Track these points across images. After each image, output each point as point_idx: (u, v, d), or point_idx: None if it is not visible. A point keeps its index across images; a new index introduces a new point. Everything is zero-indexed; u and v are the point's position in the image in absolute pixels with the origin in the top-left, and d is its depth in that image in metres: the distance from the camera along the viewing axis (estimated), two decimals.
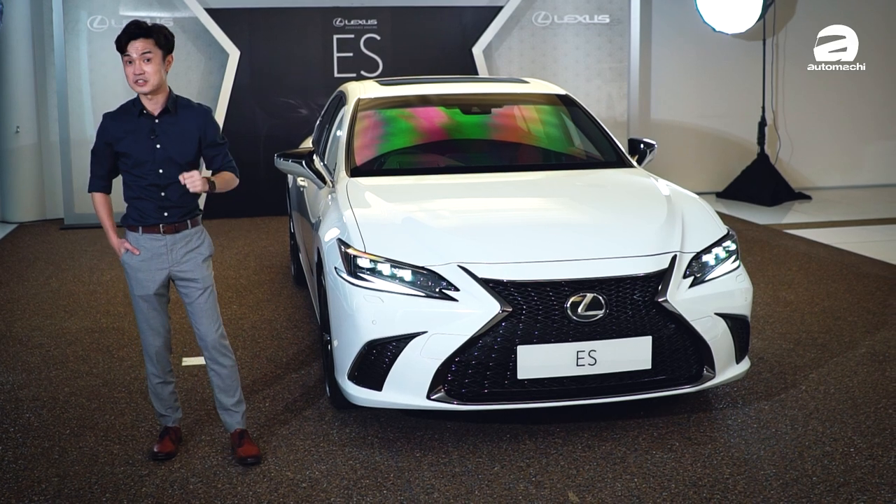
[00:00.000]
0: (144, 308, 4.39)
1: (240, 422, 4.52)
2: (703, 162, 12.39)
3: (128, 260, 4.35)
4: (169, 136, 4.26)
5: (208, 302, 4.41)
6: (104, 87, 10.83)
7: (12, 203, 10.98)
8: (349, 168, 5.67)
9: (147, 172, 4.25)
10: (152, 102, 4.26)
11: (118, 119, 4.29)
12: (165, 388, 4.53)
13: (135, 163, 4.24)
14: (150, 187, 4.26)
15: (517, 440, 4.59)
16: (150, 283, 4.34)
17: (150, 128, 4.25)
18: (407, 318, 4.38)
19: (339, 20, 11.12)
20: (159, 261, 4.33)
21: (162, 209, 4.29)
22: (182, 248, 4.35)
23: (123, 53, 4.18)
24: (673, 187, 5.44)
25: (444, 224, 4.79)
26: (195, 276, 4.37)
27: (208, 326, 4.41)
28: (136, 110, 4.27)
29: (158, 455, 4.44)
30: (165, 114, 4.28)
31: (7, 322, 6.76)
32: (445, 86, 6.74)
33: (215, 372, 4.48)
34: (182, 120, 4.31)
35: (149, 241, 4.31)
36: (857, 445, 4.50)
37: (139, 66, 4.16)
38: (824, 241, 9.16)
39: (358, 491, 4.12)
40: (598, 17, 11.59)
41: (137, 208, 4.30)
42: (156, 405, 4.57)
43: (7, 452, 4.55)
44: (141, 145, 4.24)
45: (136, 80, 4.16)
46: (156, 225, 4.30)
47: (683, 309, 4.49)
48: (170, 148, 4.26)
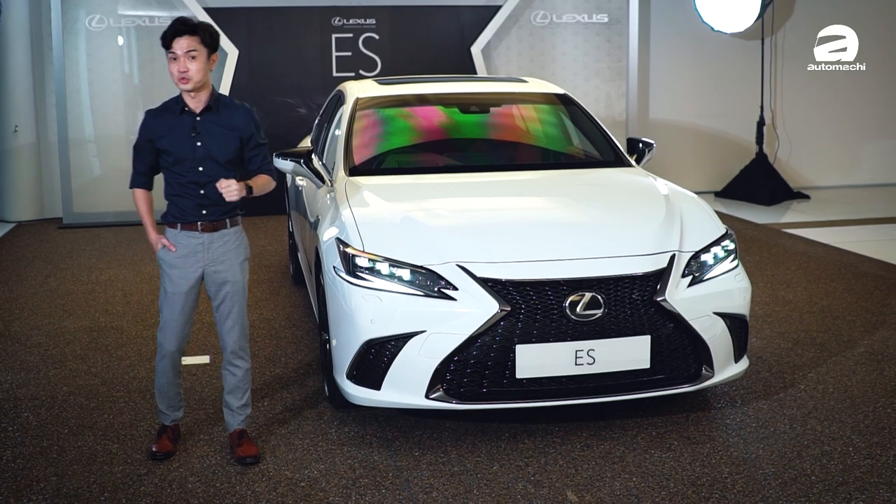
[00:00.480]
0: (173, 305, 4.36)
1: (241, 423, 4.52)
2: (702, 161, 12.39)
3: (164, 256, 4.35)
4: (210, 134, 4.26)
5: (237, 304, 4.40)
6: (103, 87, 10.83)
7: (11, 202, 10.97)
8: (348, 167, 5.66)
9: (187, 170, 4.25)
10: (195, 100, 4.26)
11: (160, 116, 4.30)
12: (172, 387, 4.52)
13: (175, 160, 4.25)
14: (190, 185, 4.26)
15: (516, 439, 4.59)
16: (184, 281, 4.33)
17: (192, 125, 4.25)
18: (405, 317, 4.37)
19: (338, 19, 11.11)
20: (195, 258, 4.32)
21: (201, 207, 4.29)
22: (219, 248, 4.34)
23: (168, 50, 4.18)
24: (671, 186, 5.44)
25: (443, 223, 4.79)
26: (229, 277, 4.36)
27: (231, 330, 4.41)
28: (178, 108, 4.28)
29: (157, 455, 4.43)
30: (207, 111, 4.28)
31: (5, 321, 6.76)
32: (444, 85, 6.74)
33: (230, 372, 4.48)
34: (224, 118, 4.32)
35: (186, 238, 4.31)
36: (856, 444, 4.50)
37: (183, 64, 4.16)
38: (823, 241, 9.16)
39: (357, 490, 4.12)
40: (596, 16, 11.59)
41: (177, 205, 4.31)
42: (159, 403, 4.55)
43: (5, 451, 4.55)
44: (181, 143, 4.24)
45: (181, 77, 4.16)
46: (194, 222, 4.30)
47: (682, 308, 4.49)
48: (210, 146, 4.26)
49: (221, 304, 4.39)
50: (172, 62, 4.18)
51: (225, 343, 4.44)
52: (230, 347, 4.44)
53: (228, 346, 4.44)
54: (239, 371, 4.47)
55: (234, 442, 4.47)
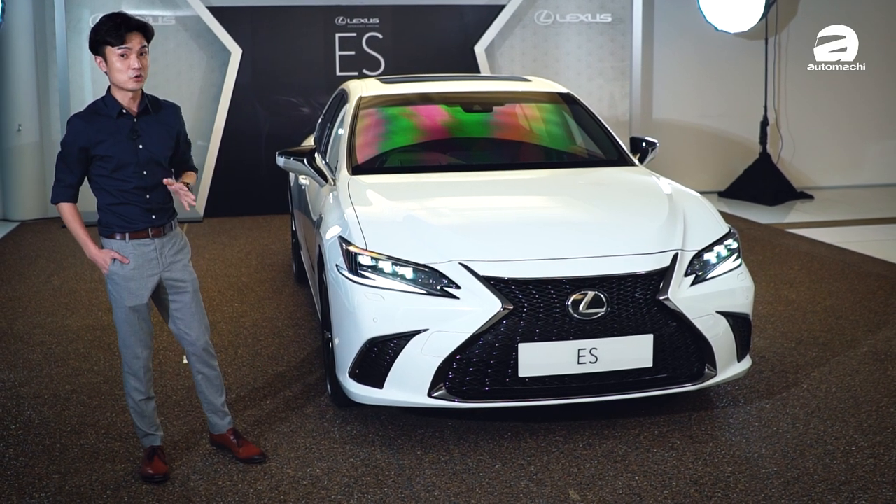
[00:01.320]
0: (134, 320, 4.16)
1: (230, 421, 4.45)
2: (705, 161, 12.38)
3: (117, 270, 4.10)
4: (150, 135, 4.07)
5: (198, 304, 4.30)
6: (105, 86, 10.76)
7: (14, 201, 10.98)
8: (351, 166, 5.66)
9: (130, 175, 4.02)
10: (132, 101, 4.06)
11: (93, 121, 4.01)
12: (149, 404, 4.29)
13: (116, 166, 4.00)
14: (135, 191, 4.04)
15: (518, 438, 4.59)
16: (144, 292, 4.14)
17: (131, 128, 4.03)
18: (408, 315, 4.37)
19: (341, 19, 11.11)
20: (150, 266, 4.13)
21: (149, 212, 4.08)
22: (170, 251, 4.18)
23: (118, 45, 3.93)
24: (674, 185, 5.43)
25: (446, 222, 4.79)
26: (184, 277, 4.23)
27: (199, 329, 4.29)
28: (112, 110, 4.03)
29: (154, 477, 4.19)
30: (144, 113, 4.09)
31: (8, 320, 6.76)
32: (447, 84, 6.74)
33: (204, 376, 4.36)
34: (162, 118, 4.15)
35: (137, 248, 4.09)
36: (859, 444, 4.50)
37: (136, 61, 3.96)
38: (826, 241, 9.15)
39: (359, 489, 4.12)
40: (600, 15, 11.58)
41: (120, 214, 4.06)
42: (140, 425, 4.29)
43: (8, 450, 4.55)
44: (122, 147, 4.00)
45: (136, 75, 3.97)
46: (144, 230, 4.09)
47: (685, 307, 4.48)
48: (152, 148, 4.07)
49: (184, 305, 4.25)
50: (121, 59, 3.93)
51: (195, 346, 4.29)
52: (200, 348, 4.30)
53: (199, 348, 4.30)
54: (213, 370, 4.37)
55: (233, 443, 4.40)
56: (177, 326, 4.30)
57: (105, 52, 3.98)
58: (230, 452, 4.44)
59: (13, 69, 10.73)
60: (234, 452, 4.41)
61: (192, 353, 4.34)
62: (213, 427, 4.49)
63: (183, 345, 4.36)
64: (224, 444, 4.46)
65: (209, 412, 4.45)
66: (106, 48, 3.97)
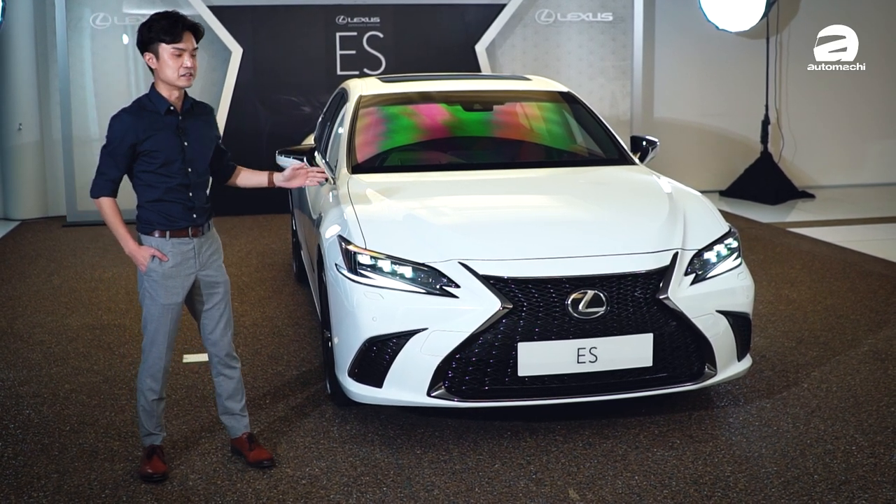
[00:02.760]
0: (166, 319, 4.14)
1: (247, 426, 4.43)
2: (707, 160, 12.37)
3: (155, 268, 4.09)
4: (193, 134, 4.14)
5: (227, 306, 4.32)
6: (107, 85, 10.83)
7: (15, 200, 10.98)
8: (350, 165, 5.66)
9: (176, 172, 4.06)
10: (178, 99, 4.11)
11: (141, 116, 4.03)
12: (160, 405, 4.28)
13: (164, 161, 4.04)
14: (179, 188, 4.08)
15: (518, 437, 4.58)
16: (180, 290, 4.14)
17: (177, 125, 4.09)
18: (407, 314, 4.36)
19: (342, 18, 11.11)
20: (188, 265, 4.14)
21: (191, 211, 4.11)
22: (207, 251, 4.21)
23: (173, 43, 3.98)
24: (675, 184, 5.42)
25: (445, 221, 4.78)
26: (220, 278, 4.26)
27: (224, 332, 4.31)
28: (159, 107, 4.06)
29: (154, 476, 4.17)
30: (188, 112, 4.16)
31: (8, 319, 6.76)
32: (447, 83, 6.73)
33: (225, 377, 4.36)
34: (202, 118, 4.23)
35: (176, 246, 4.11)
36: (859, 444, 4.49)
37: (189, 60, 4.02)
38: (827, 240, 9.14)
39: (358, 488, 4.11)
40: (601, 14, 11.58)
41: (162, 212, 4.08)
42: (146, 424, 4.27)
43: (7, 449, 4.55)
44: (170, 143, 4.05)
45: (186, 73, 4.01)
46: (185, 228, 4.11)
47: (685, 306, 4.47)
48: (195, 146, 4.13)
49: (213, 307, 4.27)
50: (175, 57, 3.98)
51: (219, 347, 4.31)
52: (225, 350, 4.32)
53: (223, 350, 4.31)
54: (235, 373, 4.38)
55: (245, 446, 4.37)
56: (204, 326, 4.32)
57: (158, 49, 4.01)
58: (242, 457, 4.39)
59: (14, 68, 10.73)
60: (245, 456, 4.37)
61: (215, 355, 4.34)
62: (229, 430, 4.46)
63: (206, 345, 4.36)
64: (238, 448, 4.43)
65: (224, 415, 4.43)
66: (160, 45, 4.00)
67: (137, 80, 10.89)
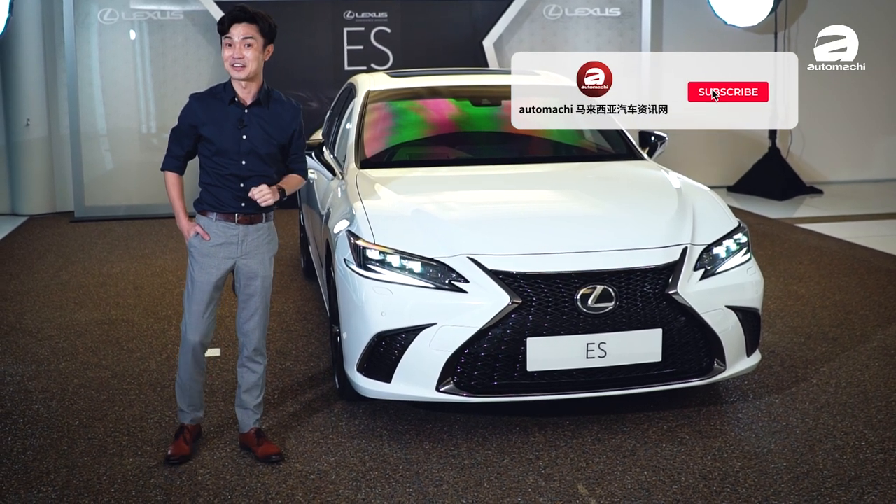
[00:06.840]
0: (200, 294, 4.22)
1: (257, 422, 4.44)
2: (715, 156, 12.34)
3: (196, 244, 4.22)
4: (257, 128, 4.16)
5: (265, 300, 4.33)
6: (114, 80, 10.84)
7: (23, 196, 10.99)
8: (359, 160, 5.65)
9: (229, 162, 4.14)
10: (245, 91, 4.17)
11: (206, 102, 4.18)
12: (195, 384, 4.37)
13: (217, 150, 4.13)
14: (230, 177, 4.15)
15: (526, 433, 4.58)
16: (215, 270, 4.22)
17: (239, 117, 4.14)
18: (416, 309, 4.36)
19: (350, 13, 11.11)
20: (228, 249, 4.21)
21: (240, 199, 4.17)
22: (253, 241, 4.24)
23: (225, 35, 4.11)
24: (684, 180, 5.41)
25: (454, 216, 4.77)
26: (260, 271, 4.28)
27: (258, 326, 4.33)
28: (226, 96, 4.17)
29: (172, 459, 4.27)
30: (256, 105, 4.18)
31: (17, 314, 6.77)
32: (455, 78, 6.72)
33: (248, 370, 4.39)
34: (272, 113, 4.23)
35: (222, 228, 4.20)
36: (869, 439, 4.48)
37: (239, 51, 4.09)
38: (836, 236, 9.12)
39: (367, 483, 4.11)
40: (609, 10, 11.55)
41: (214, 194, 4.19)
42: (179, 400, 4.40)
43: (16, 444, 4.56)
44: (226, 134, 4.13)
45: (234, 63, 4.09)
46: (232, 213, 4.19)
47: (694, 301, 4.47)
48: (255, 140, 4.15)
49: (250, 299, 4.30)
50: (227, 48, 4.10)
51: (247, 340, 4.34)
52: (253, 345, 4.34)
53: (251, 344, 4.34)
54: (259, 368, 4.40)
55: (253, 442, 4.38)
56: (239, 315, 4.36)
57: (222, 41, 4.18)
58: (251, 452, 4.40)
59: (22, 64, 10.74)
60: (253, 451, 4.38)
61: (244, 346, 4.37)
62: (239, 424, 4.48)
63: (238, 334, 4.40)
64: (246, 444, 4.44)
65: (238, 407, 4.45)
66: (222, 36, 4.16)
67: (145, 75, 10.90)
